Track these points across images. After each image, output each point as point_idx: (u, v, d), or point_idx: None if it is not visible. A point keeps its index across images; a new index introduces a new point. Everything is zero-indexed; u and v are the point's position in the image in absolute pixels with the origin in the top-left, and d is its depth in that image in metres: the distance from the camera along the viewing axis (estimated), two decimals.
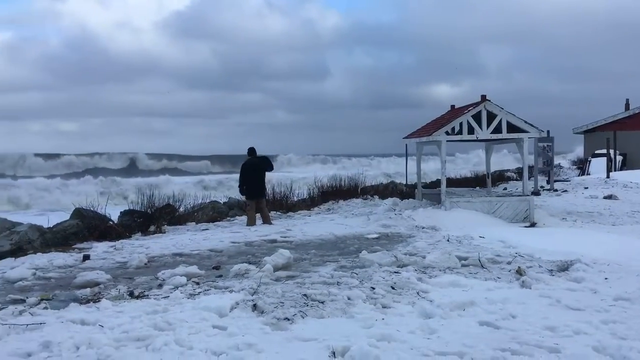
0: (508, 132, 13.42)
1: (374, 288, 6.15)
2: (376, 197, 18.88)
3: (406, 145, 16.09)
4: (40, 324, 4.96)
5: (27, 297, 6.13)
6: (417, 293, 6.06)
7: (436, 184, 20.32)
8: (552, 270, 7.23)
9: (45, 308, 5.61)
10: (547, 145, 20.70)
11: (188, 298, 5.88)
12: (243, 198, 14.13)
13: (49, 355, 4.17)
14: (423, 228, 11.53)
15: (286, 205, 17.14)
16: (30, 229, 10.67)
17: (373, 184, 23.76)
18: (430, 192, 16.22)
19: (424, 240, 9.71)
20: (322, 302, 5.62)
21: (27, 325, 4.92)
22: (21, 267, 7.84)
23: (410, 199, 15.67)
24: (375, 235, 10.75)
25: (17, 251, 9.69)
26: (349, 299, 5.74)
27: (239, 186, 13.48)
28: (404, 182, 20.78)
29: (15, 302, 5.98)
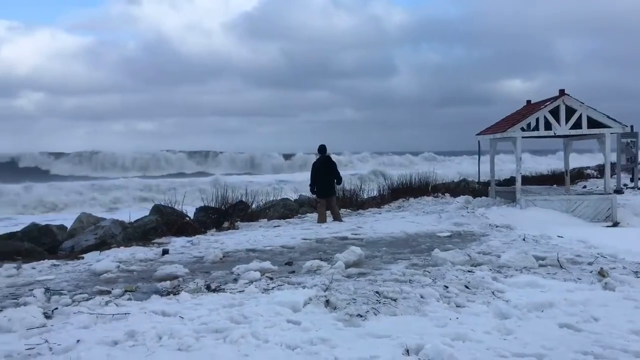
0: (588, 127, 12.86)
1: (447, 287, 6.06)
2: (447, 195, 18.58)
3: (479, 142, 15.74)
4: (125, 314, 5.22)
5: (112, 289, 6.46)
6: (492, 293, 5.92)
7: (510, 181, 19.76)
8: (637, 272, 6.87)
9: (129, 299, 5.90)
10: (631, 141, 19.67)
11: (262, 293, 6.01)
12: (314, 196, 14.26)
13: (134, 344, 4.38)
14: (497, 227, 11.24)
15: (356, 202, 17.16)
16: (113, 224, 11.22)
17: (444, 181, 23.37)
18: (504, 190, 15.78)
19: (498, 239, 9.47)
20: (395, 300, 5.60)
21: (113, 315, 5.19)
22: (106, 260, 8.26)
23: (483, 197, 15.31)
24: (447, 234, 10.59)
25: (102, 245, 10.21)
26: (421, 297, 5.69)
27: (310, 185, 13.61)
28: (476, 180, 20.33)
29: (101, 293, 6.32)
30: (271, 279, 6.82)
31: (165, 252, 9.13)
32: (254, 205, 15.45)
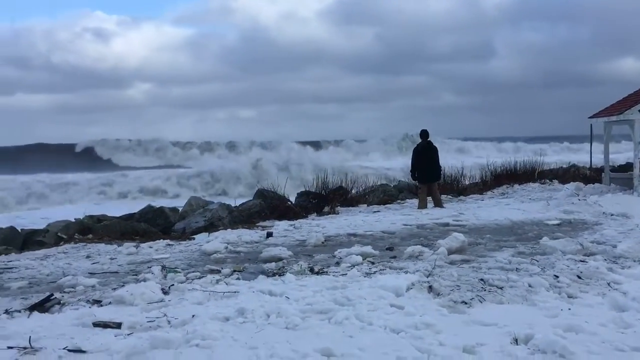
0: None
1: (557, 276, 5.81)
2: (555, 181, 17.68)
3: (591, 125, 14.86)
4: (235, 292, 5.47)
5: (221, 268, 6.79)
6: (608, 284, 5.61)
7: (626, 167, 18.45)
8: None
9: (238, 279, 6.17)
10: None
11: (365, 276, 6.07)
12: (415, 182, 14.10)
13: (244, 321, 4.59)
14: (612, 215, 10.57)
15: (457, 188, 16.79)
16: (220, 208, 11.75)
17: (551, 167, 22.23)
18: (620, 176, 14.78)
19: (614, 228, 8.92)
20: (501, 288, 5.45)
21: (224, 293, 5.46)
22: (215, 241, 8.69)
23: (596, 184, 14.44)
24: (556, 222, 10.11)
25: (210, 227, 10.74)
26: (530, 286, 5.49)
27: (411, 170, 13.47)
28: (587, 166, 19.17)
29: (212, 272, 6.66)
30: (373, 263, 6.87)
31: (269, 234, 9.44)
32: (353, 191, 15.56)
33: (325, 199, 13.73)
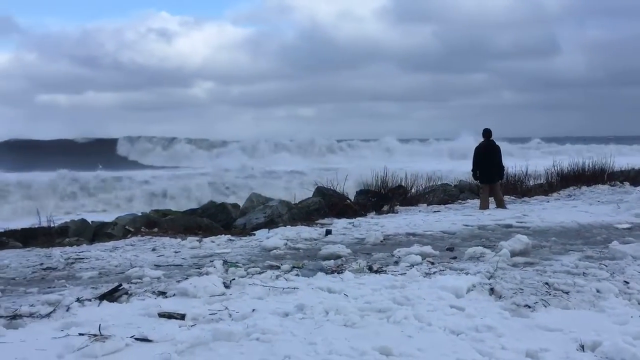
0: None
1: (627, 282, 5.56)
2: (626, 183, 16.92)
3: None
4: (294, 288, 5.53)
5: (281, 264, 6.88)
6: None
7: None
8: None
9: (297, 275, 6.24)
10: None
11: (424, 276, 6.00)
12: (476, 182, 13.82)
13: (303, 317, 4.64)
14: None
15: (521, 189, 16.33)
16: (280, 204, 11.90)
17: (622, 168, 21.24)
18: None
19: None
20: (567, 293, 5.27)
21: (284, 288, 5.54)
22: (274, 238, 8.81)
23: None
24: (627, 225, 9.66)
25: (270, 223, 10.89)
26: (597, 291, 5.29)
27: (472, 170, 13.21)
28: None
29: (271, 267, 6.76)
30: (432, 263, 6.79)
31: (328, 232, 9.49)
32: (413, 190, 15.41)
33: (384, 197, 13.67)
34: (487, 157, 12.87)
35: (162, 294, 5.53)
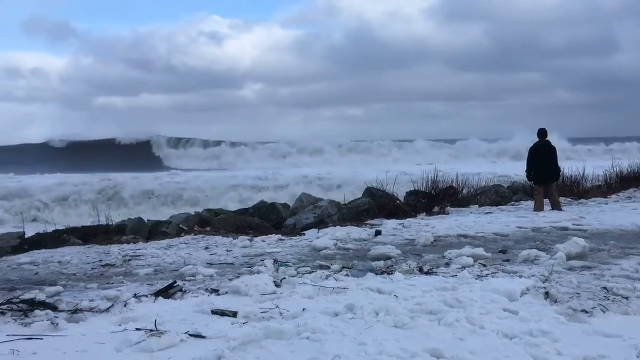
0: None
1: None
2: None
3: None
4: (344, 288, 5.55)
5: (330, 264, 6.90)
6: None
7: None
8: None
9: (347, 275, 6.25)
10: None
11: (476, 279, 5.92)
12: (530, 183, 13.48)
13: (352, 317, 4.64)
14: None
15: (577, 191, 15.83)
16: (330, 205, 11.94)
17: None
18: None
19: None
20: (626, 298, 5.10)
21: (333, 288, 5.56)
22: (324, 238, 8.85)
23: None
24: None
25: (319, 223, 10.94)
26: None
27: (526, 170, 12.89)
28: None
29: (321, 267, 6.79)
30: (484, 265, 6.67)
31: (378, 233, 9.46)
32: (464, 191, 15.18)
33: (435, 198, 13.53)
34: (541, 157, 12.53)
35: (215, 291, 5.65)
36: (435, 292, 5.31)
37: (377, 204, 12.58)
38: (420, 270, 6.47)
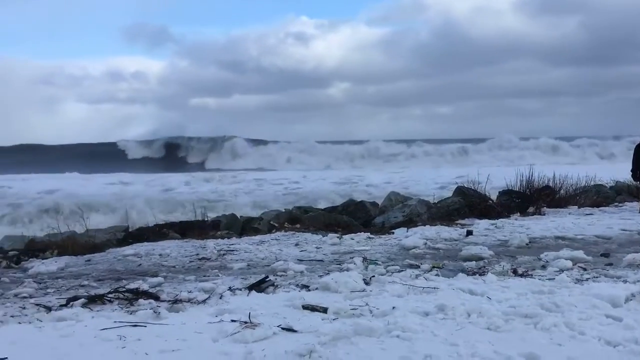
0: None
1: None
2: None
3: None
4: (434, 288, 5.48)
5: (420, 264, 6.84)
6: None
7: None
8: None
9: (437, 275, 6.17)
10: None
11: (575, 283, 5.65)
12: (636, 183, 12.65)
13: (443, 317, 4.57)
14: None
15: None
16: (419, 204, 11.81)
17: None
18: None
19: None
20: None
21: (423, 288, 5.50)
22: (414, 237, 8.76)
23: None
24: None
25: (408, 222, 10.84)
26: None
27: (631, 170, 12.10)
28: None
29: (411, 266, 6.74)
30: (584, 269, 6.36)
31: (469, 233, 9.25)
32: (561, 191, 14.48)
33: (529, 198, 13.00)
34: None
35: (305, 287, 5.76)
36: (531, 295, 5.13)
37: (467, 204, 12.29)
38: (515, 272, 6.26)
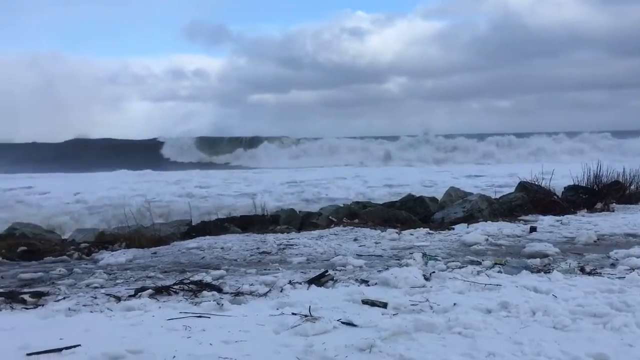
0: None
1: None
2: None
3: None
4: (497, 285, 5.36)
5: (482, 260, 6.71)
6: None
7: None
8: None
9: (499, 272, 6.03)
10: None
11: None
12: None
13: (507, 315, 4.48)
14: None
15: None
16: (480, 199, 11.56)
17: None
18: None
19: None
20: None
21: (485, 284, 5.40)
22: (475, 233, 8.60)
23: None
24: None
25: (469, 218, 10.64)
26: None
27: None
28: None
29: (472, 262, 6.63)
30: None
31: (533, 229, 8.99)
32: (632, 187, 13.83)
33: (597, 194, 12.49)
34: None
35: (365, 282, 5.77)
36: (600, 294, 4.95)
37: (531, 199, 11.93)
38: (582, 270, 6.05)
